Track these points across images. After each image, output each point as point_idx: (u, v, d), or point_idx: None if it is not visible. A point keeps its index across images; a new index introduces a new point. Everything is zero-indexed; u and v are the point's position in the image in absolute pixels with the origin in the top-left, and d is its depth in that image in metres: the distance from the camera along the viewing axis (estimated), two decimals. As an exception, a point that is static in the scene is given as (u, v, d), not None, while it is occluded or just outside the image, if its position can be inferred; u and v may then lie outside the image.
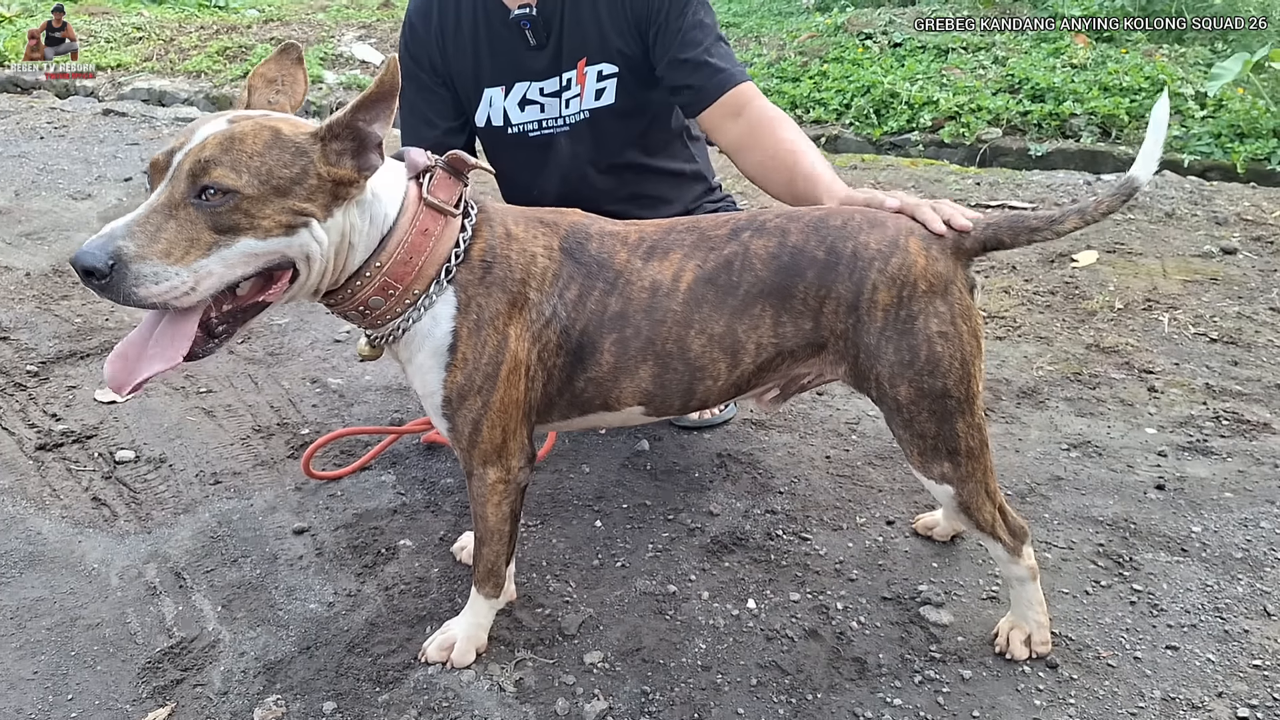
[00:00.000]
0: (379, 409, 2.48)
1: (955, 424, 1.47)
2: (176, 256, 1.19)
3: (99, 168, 4.84)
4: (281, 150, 1.25)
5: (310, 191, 1.27)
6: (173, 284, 1.19)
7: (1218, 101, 4.79)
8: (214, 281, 1.23)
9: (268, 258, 1.27)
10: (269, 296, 1.32)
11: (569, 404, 1.55)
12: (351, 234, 1.35)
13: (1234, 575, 1.78)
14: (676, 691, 1.54)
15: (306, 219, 1.27)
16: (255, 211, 1.23)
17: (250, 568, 1.85)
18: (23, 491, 2.11)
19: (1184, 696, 1.51)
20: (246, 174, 1.21)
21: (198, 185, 1.21)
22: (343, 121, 1.27)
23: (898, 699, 1.52)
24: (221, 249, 1.22)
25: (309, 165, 1.26)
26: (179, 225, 1.20)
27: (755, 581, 1.80)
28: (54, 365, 2.71)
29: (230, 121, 1.27)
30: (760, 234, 1.49)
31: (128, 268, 1.17)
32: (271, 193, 1.24)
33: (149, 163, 1.27)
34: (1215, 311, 2.93)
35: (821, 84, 5.65)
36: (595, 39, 2.02)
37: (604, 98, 2.08)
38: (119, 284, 1.17)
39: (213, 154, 1.21)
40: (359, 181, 1.31)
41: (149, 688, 1.56)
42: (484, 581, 1.59)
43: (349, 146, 1.29)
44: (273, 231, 1.25)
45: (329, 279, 1.37)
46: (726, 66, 1.95)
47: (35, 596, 1.78)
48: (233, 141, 1.23)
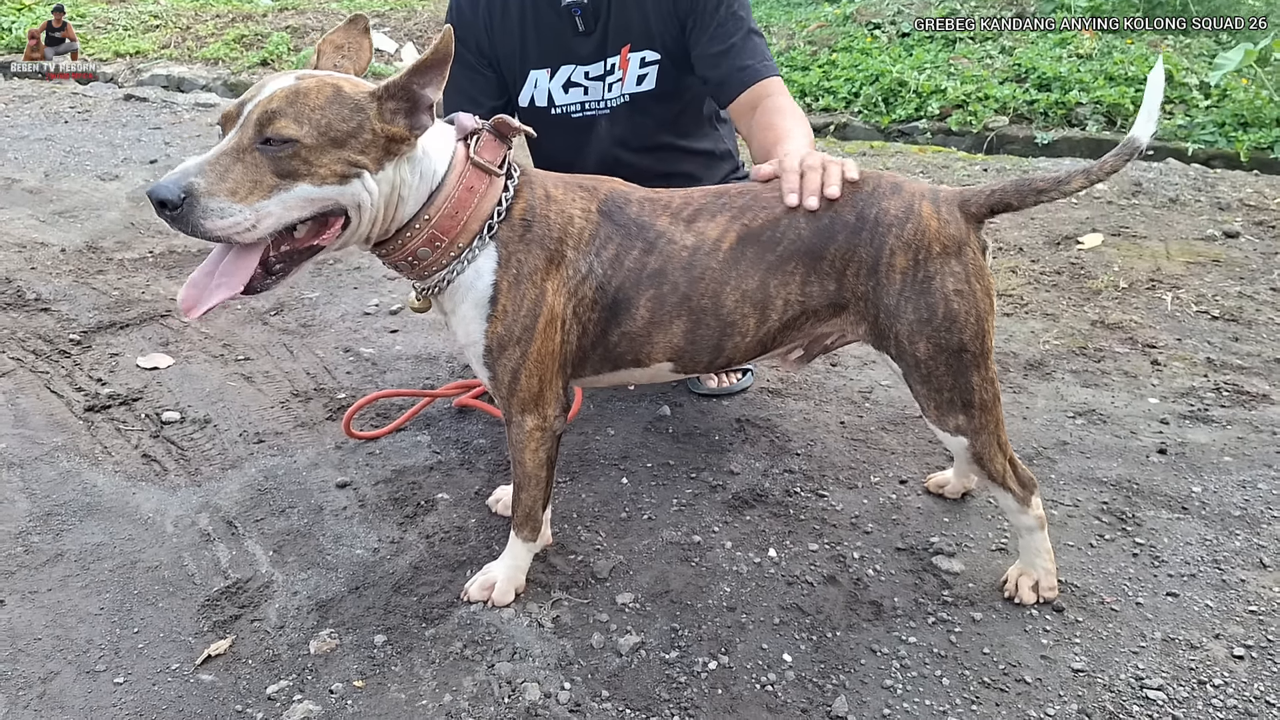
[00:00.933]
0: (410, 375, 2.58)
1: (970, 377, 1.56)
2: (241, 195, 1.31)
3: (124, 150, 4.94)
4: (341, 106, 1.36)
5: (365, 145, 1.37)
6: (236, 219, 1.31)
7: (1221, 91, 4.87)
8: (273, 221, 1.34)
9: (322, 203, 1.38)
10: (322, 240, 1.43)
11: (601, 358, 1.65)
12: (402, 187, 1.45)
13: (1232, 531, 1.88)
14: (704, 629, 1.64)
15: (360, 170, 1.38)
16: (313, 160, 1.34)
17: (298, 517, 1.95)
18: (75, 448, 2.21)
19: (1183, 638, 1.61)
20: (307, 125, 1.33)
21: (263, 133, 1.32)
22: (399, 83, 1.38)
23: (912, 637, 1.62)
24: (281, 192, 1.33)
25: (365, 121, 1.37)
26: (244, 168, 1.31)
27: (775, 533, 1.90)
28: (95, 334, 2.81)
29: (298, 78, 1.38)
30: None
31: (197, 201, 1.28)
32: (329, 143, 1.34)
33: (222, 114, 1.38)
34: (1217, 291, 3.02)
35: (830, 73, 5.74)
36: (640, 27, 2.13)
37: (645, 83, 2.18)
38: (188, 215, 1.29)
39: (279, 106, 1.32)
40: (410, 139, 1.42)
41: (209, 622, 1.66)
42: (522, 525, 1.69)
43: (403, 106, 1.40)
44: (328, 179, 1.36)
45: (379, 228, 1.47)
46: (752, 62, 2.05)
47: (96, 542, 1.88)
48: (297, 95, 1.34)
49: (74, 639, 1.62)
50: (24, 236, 3.65)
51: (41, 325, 2.87)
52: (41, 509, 1.98)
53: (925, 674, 1.54)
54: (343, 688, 1.51)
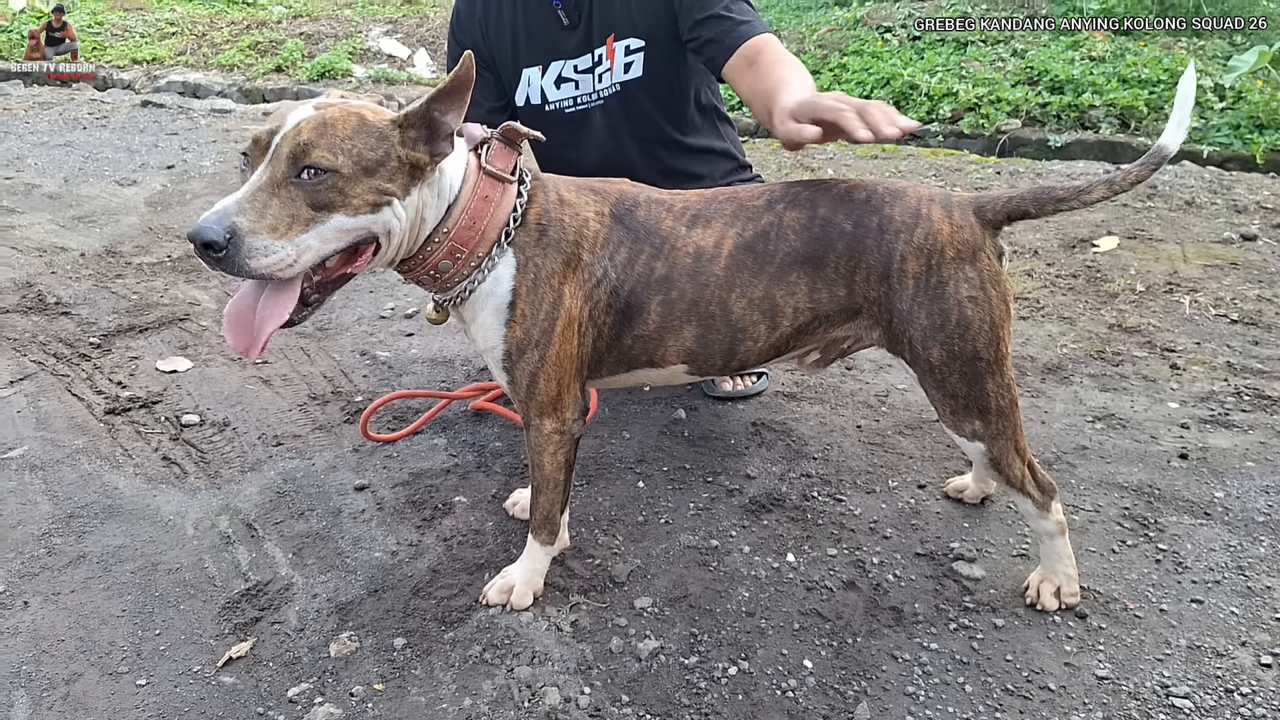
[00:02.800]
0: (426, 378, 2.59)
1: (986, 384, 1.55)
2: (281, 231, 1.30)
3: (141, 156, 4.98)
4: (368, 134, 1.36)
5: (392, 172, 1.38)
6: (280, 256, 1.30)
7: (1236, 93, 4.85)
8: (312, 255, 1.34)
9: (356, 233, 1.38)
10: (354, 268, 1.43)
11: (617, 360, 1.65)
12: (424, 209, 1.46)
13: (1256, 537, 1.86)
14: (723, 634, 1.64)
15: (389, 197, 1.38)
16: (348, 190, 1.33)
17: (316, 520, 1.96)
18: (96, 451, 2.23)
19: (1209, 645, 1.59)
20: (342, 155, 1.32)
21: (299, 165, 1.31)
22: (419, 112, 1.39)
23: (934, 643, 1.61)
24: (318, 225, 1.33)
25: (390, 149, 1.37)
26: (281, 203, 1.30)
27: (794, 538, 1.90)
28: (115, 338, 2.83)
29: (317, 108, 1.37)
30: (793, 206, 1.58)
31: (242, 241, 1.27)
32: (362, 172, 1.34)
33: (251, 140, 1.36)
34: (1236, 294, 3.00)
35: (842, 76, 5.74)
36: (622, 15, 2.14)
37: (632, 71, 2.19)
38: (234, 256, 1.27)
39: (310, 137, 1.31)
40: (431, 165, 1.42)
41: (230, 625, 1.67)
42: (540, 529, 1.69)
43: (423, 134, 1.40)
44: (361, 209, 1.36)
45: (405, 250, 1.48)
46: (747, 19, 2.02)
47: (117, 544, 1.89)
48: (326, 126, 1.33)
49: (97, 640, 1.63)
50: (44, 241, 3.68)
51: (62, 329, 2.89)
52: (64, 511, 1.99)
53: (947, 681, 1.53)
54: (363, 690, 1.51)
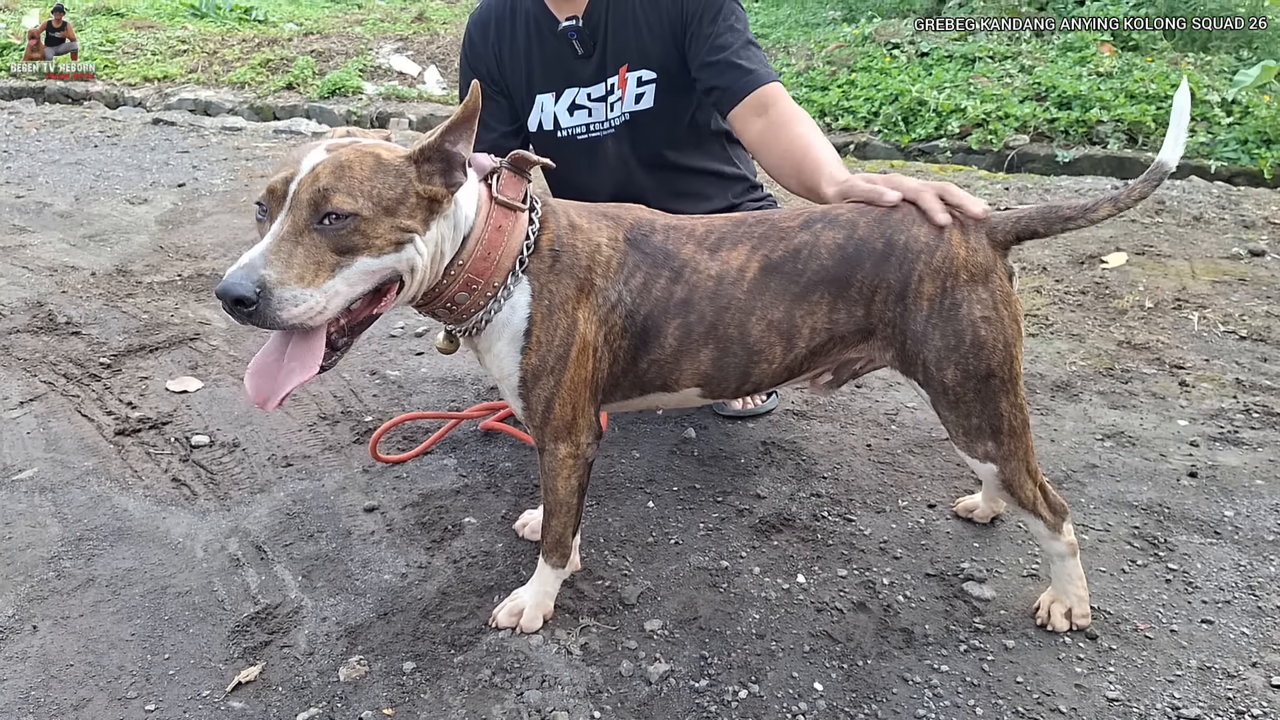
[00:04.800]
0: (436, 398, 2.60)
1: (999, 404, 1.55)
2: (309, 280, 1.29)
3: (152, 174, 5.02)
4: (385, 174, 1.36)
5: (411, 209, 1.38)
6: (310, 305, 1.29)
7: (1244, 108, 4.85)
8: (341, 300, 1.34)
9: (381, 273, 1.38)
10: (380, 309, 1.44)
11: (631, 384, 1.65)
12: (443, 243, 1.46)
13: (1266, 556, 1.85)
14: (733, 656, 1.64)
15: (411, 235, 1.38)
16: (370, 231, 1.33)
17: (326, 542, 1.97)
18: (106, 472, 2.24)
19: (1220, 666, 1.58)
20: (362, 197, 1.32)
21: (320, 212, 1.30)
22: (433, 145, 1.39)
23: (945, 665, 1.60)
24: (344, 269, 1.32)
25: (408, 186, 1.37)
26: (305, 251, 1.30)
27: (804, 558, 1.89)
28: (125, 358, 2.85)
29: (329, 150, 1.36)
30: (832, 226, 1.58)
31: (271, 294, 1.26)
32: (383, 213, 1.34)
33: (266, 189, 1.35)
34: (1244, 310, 2.99)
35: (850, 92, 5.76)
36: (636, 47, 2.16)
37: (643, 102, 2.20)
38: (265, 309, 1.26)
39: (329, 182, 1.30)
40: (449, 197, 1.43)
41: (239, 648, 1.67)
42: (551, 551, 1.69)
43: (439, 167, 1.41)
44: (385, 250, 1.35)
45: (427, 285, 1.48)
46: (755, 68, 2.05)
47: (127, 567, 1.90)
48: (343, 169, 1.32)
49: (105, 665, 1.63)
50: (55, 260, 3.71)
51: (72, 349, 2.91)
52: (73, 533, 2.00)
53: (959, 703, 1.52)
54: (372, 715, 1.51)
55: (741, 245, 1.59)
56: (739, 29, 2.10)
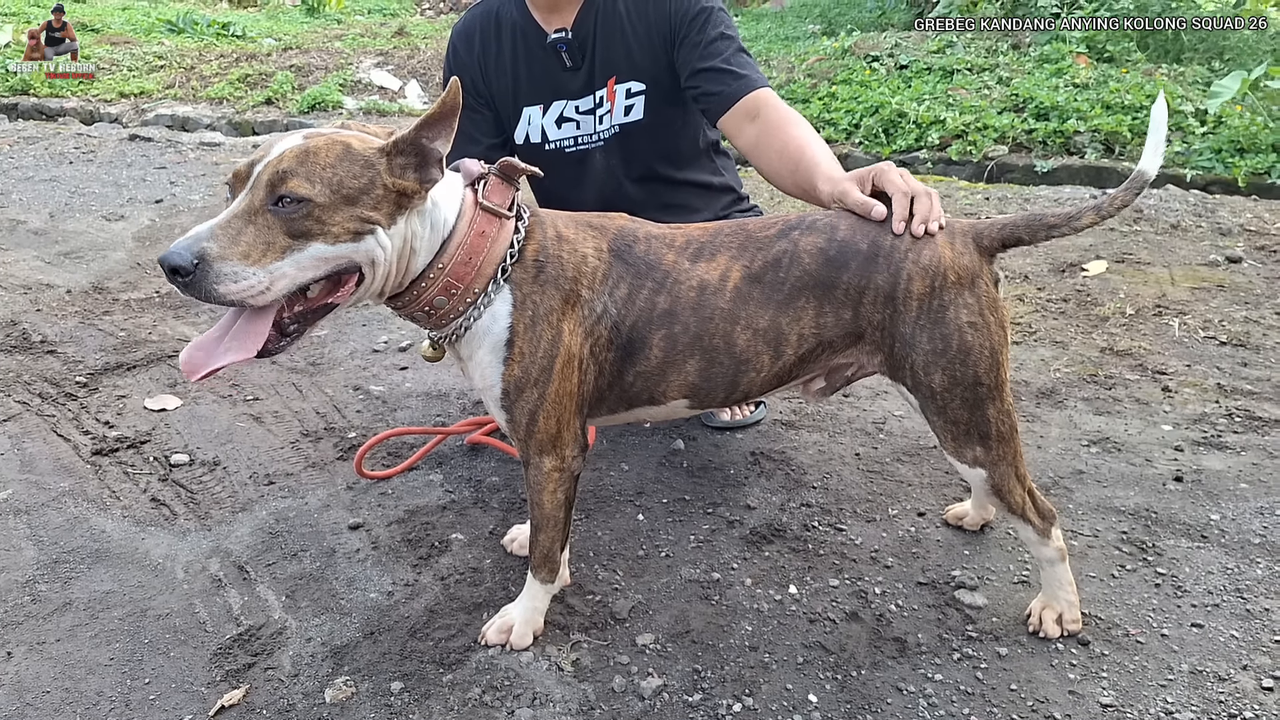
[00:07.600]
0: (421, 413, 2.57)
1: (986, 410, 1.55)
2: (254, 258, 1.29)
3: (129, 190, 4.96)
4: (351, 163, 1.35)
5: (376, 201, 1.37)
6: (250, 283, 1.29)
7: (1217, 118, 4.93)
8: (287, 283, 1.33)
9: (336, 262, 1.37)
10: (337, 299, 1.42)
11: (618, 397, 1.64)
12: (414, 240, 1.45)
13: (1253, 559, 1.86)
14: (726, 670, 1.62)
15: (373, 226, 1.37)
16: (326, 218, 1.33)
17: (310, 561, 1.93)
18: (83, 493, 2.19)
19: (1210, 669, 1.58)
20: (319, 184, 1.32)
21: (275, 194, 1.31)
22: (407, 138, 1.38)
23: (938, 674, 1.59)
24: (295, 252, 1.32)
25: (376, 177, 1.36)
26: (257, 230, 1.30)
27: (795, 569, 1.88)
28: (102, 376, 2.80)
29: (305, 137, 1.37)
30: (810, 231, 1.58)
31: (210, 267, 1.26)
32: (341, 201, 1.33)
33: (232, 173, 1.37)
34: (1223, 316, 3.02)
35: (831, 105, 5.80)
36: (624, 59, 2.15)
37: (633, 113, 2.20)
38: (201, 281, 1.26)
39: (289, 166, 1.31)
40: (421, 193, 1.41)
41: (222, 671, 1.63)
42: (540, 567, 1.67)
43: (412, 161, 1.40)
44: (341, 237, 1.35)
45: (393, 282, 1.47)
46: (747, 74, 2.05)
47: (105, 590, 1.85)
48: (308, 155, 1.33)
49: (83, 691, 1.59)
50: (30, 278, 3.65)
51: (48, 368, 2.86)
52: (49, 556, 1.95)
53: (953, 712, 1.51)
54: (360, 737, 1.48)
55: (720, 255, 1.58)
56: (730, 36, 2.10)
